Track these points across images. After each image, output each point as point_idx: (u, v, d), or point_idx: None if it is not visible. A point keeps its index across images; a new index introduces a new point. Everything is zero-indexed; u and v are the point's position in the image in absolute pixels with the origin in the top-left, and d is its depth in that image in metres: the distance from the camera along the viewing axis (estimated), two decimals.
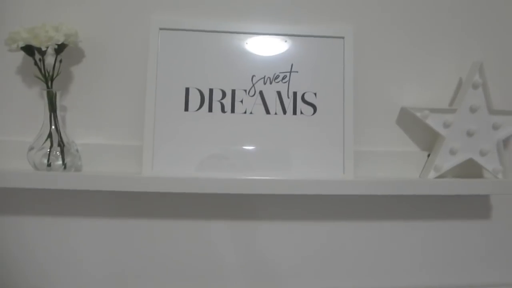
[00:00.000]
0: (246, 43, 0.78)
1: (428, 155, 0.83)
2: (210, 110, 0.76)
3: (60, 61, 0.73)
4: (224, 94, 0.77)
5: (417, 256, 0.86)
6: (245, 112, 0.77)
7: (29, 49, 0.70)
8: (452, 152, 0.80)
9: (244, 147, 0.76)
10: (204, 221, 0.81)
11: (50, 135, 0.73)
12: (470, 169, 0.84)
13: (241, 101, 0.77)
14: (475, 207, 0.87)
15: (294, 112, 0.78)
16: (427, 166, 0.82)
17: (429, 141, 0.84)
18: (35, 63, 0.72)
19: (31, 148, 0.72)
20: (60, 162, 0.73)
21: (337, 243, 0.84)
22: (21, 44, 0.68)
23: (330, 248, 0.84)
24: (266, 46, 0.78)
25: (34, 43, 0.68)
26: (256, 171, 0.75)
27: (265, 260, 0.83)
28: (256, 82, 0.78)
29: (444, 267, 0.87)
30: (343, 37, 0.79)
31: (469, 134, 0.80)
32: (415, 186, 0.76)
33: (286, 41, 0.79)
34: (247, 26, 0.78)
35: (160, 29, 0.76)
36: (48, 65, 0.73)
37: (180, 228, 0.81)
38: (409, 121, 0.84)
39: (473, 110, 0.80)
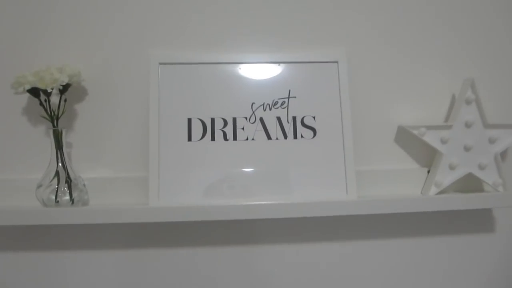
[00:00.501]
0: (244, 72, 0.80)
1: (428, 171, 0.85)
2: (213, 138, 0.78)
3: (65, 100, 0.76)
4: (225, 123, 0.79)
5: (423, 273, 0.86)
6: (247, 139, 0.79)
7: (35, 91, 0.73)
8: (451, 167, 0.82)
9: (248, 173, 0.78)
10: (211, 248, 0.82)
11: (57, 173, 0.74)
12: (470, 183, 0.85)
13: (243, 128, 0.79)
14: (478, 221, 0.88)
15: (295, 136, 0.80)
16: (427, 182, 0.84)
17: (428, 157, 0.86)
18: (41, 104, 0.74)
19: (39, 186, 0.74)
20: (67, 197, 0.74)
21: (343, 264, 0.85)
22: (27, 87, 0.71)
23: (336, 270, 0.84)
24: (264, 74, 0.81)
25: (40, 85, 0.71)
26: (261, 196, 0.77)
27: (271, 284, 0.83)
28: (256, 109, 0.80)
29: (450, 283, 0.87)
30: (336, 61, 0.82)
31: (466, 148, 0.82)
32: (418, 203, 0.78)
33: (279, 66, 0.81)
34: (243, 56, 0.81)
35: (160, 63, 0.79)
36: (53, 104, 0.75)
37: (186, 256, 0.82)
38: (407, 139, 0.86)
39: (468, 125, 0.82)
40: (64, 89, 0.75)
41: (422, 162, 0.86)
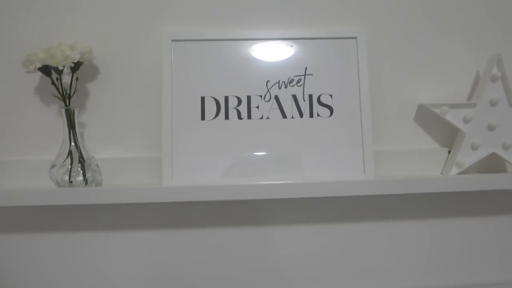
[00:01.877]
0: (259, 49, 0.78)
1: (449, 152, 0.82)
2: (227, 117, 0.76)
3: (77, 79, 0.74)
4: (239, 101, 0.77)
5: (443, 255, 0.84)
6: (261, 118, 0.77)
7: (46, 69, 0.71)
8: (474, 147, 0.79)
9: (263, 152, 0.76)
10: (223, 228, 0.81)
11: (70, 152, 0.73)
12: (493, 164, 0.82)
13: (257, 107, 0.77)
14: (500, 203, 0.85)
15: (311, 115, 0.77)
16: (448, 162, 0.81)
17: (449, 137, 0.83)
18: (52, 83, 0.73)
19: (53, 166, 0.73)
20: (81, 178, 0.74)
21: (361, 245, 0.83)
22: (38, 65, 0.70)
23: (351, 251, 0.83)
24: (279, 51, 0.78)
25: (51, 63, 0.69)
26: (276, 175, 0.75)
27: (286, 264, 0.82)
28: (271, 87, 0.78)
29: (472, 264, 0.85)
30: (355, 37, 0.79)
31: (491, 128, 0.79)
32: (438, 183, 0.75)
33: (292, 46, 0.78)
34: (258, 32, 0.78)
35: (173, 40, 0.77)
36: (65, 83, 0.74)
37: (197, 236, 0.81)
38: (427, 118, 0.83)
39: (493, 103, 0.78)
40: (75, 67, 0.73)
41: (443, 142, 0.84)
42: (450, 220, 0.84)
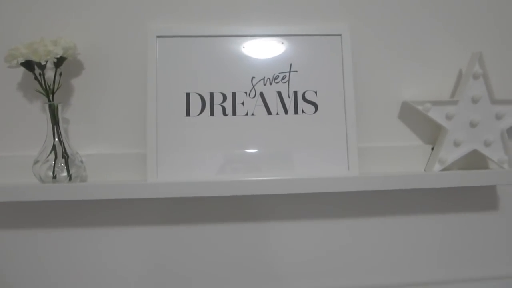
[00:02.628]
0: (244, 46, 0.78)
1: (432, 148, 0.83)
2: (212, 114, 0.77)
3: (60, 74, 0.74)
4: (224, 97, 0.77)
5: (425, 250, 0.86)
6: (246, 114, 0.77)
7: (28, 65, 0.71)
8: (456, 144, 0.80)
9: (248, 149, 0.76)
10: (210, 225, 0.81)
11: (54, 148, 0.73)
12: (475, 161, 0.83)
13: (242, 103, 0.77)
14: (482, 199, 0.86)
15: (296, 112, 0.78)
16: (431, 159, 0.82)
17: (432, 134, 0.84)
18: (35, 78, 0.72)
19: (36, 162, 0.73)
20: (65, 173, 0.74)
21: (345, 241, 0.84)
22: (21, 60, 0.69)
23: (338, 246, 0.84)
24: (264, 47, 0.79)
25: (34, 58, 0.69)
26: (261, 172, 0.75)
27: (274, 260, 0.83)
28: (256, 83, 0.78)
29: (452, 260, 0.86)
30: (340, 35, 0.79)
31: (472, 125, 0.80)
32: (420, 179, 0.76)
33: (282, 43, 0.79)
34: (243, 29, 0.79)
35: (157, 36, 0.76)
36: (48, 79, 0.74)
37: (186, 233, 0.81)
38: (411, 115, 0.84)
39: (475, 100, 0.80)
40: (59, 62, 0.73)
41: (426, 139, 0.85)
42: (433, 216, 0.85)
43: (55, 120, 0.73)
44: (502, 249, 0.87)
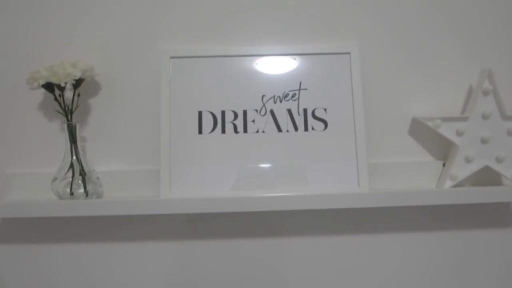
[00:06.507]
0: (255, 65, 0.80)
1: (443, 164, 0.83)
2: (223, 131, 0.78)
3: (78, 95, 0.77)
4: (236, 115, 0.79)
5: (436, 267, 0.84)
6: (257, 131, 0.79)
7: (49, 86, 0.74)
8: (468, 160, 0.79)
9: (259, 166, 0.78)
10: (223, 240, 0.82)
11: (71, 166, 0.76)
12: (488, 177, 0.83)
13: (253, 121, 0.79)
14: (495, 216, 0.85)
15: (306, 129, 0.79)
16: (443, 175, 0.82)
17: (443, 150, 0.84)
18: (55, 99, 0.76)
19: (54, 179, 0.76)
20: (82, 190, 0.76)
21: (357, 257, 0.84)
22: (42, 82, 0.73)
23: (350, 262, 0.84)
24: (274, 66, 0.80)
25: (54, 80, 0.72)
26: (271, 189, 0.77)
27: (286, 275, 0.83)
28: (267, 101, 0.80)
29: (464, 278, 0.85)
30: (349, 53, 0.81)
31: (483, 141, 0.80)
32: (432, 196, 0.76)
33: (295, 59, 0.80)
34: (253, 48, 0.81)
35: (171, 57, 0.79)
36: (67, 99, 0.77)
37: (199, 248, 0.82)
38: (421, 131, 0.84)
39: (485, 117, 0.79)
40: (77, 83, 0.76)
41: (437, 155, 0.84)
42: (445, 233, 0.84)
43: (73, 139, 0.76)
44: None
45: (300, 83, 0.80)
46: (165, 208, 0.74)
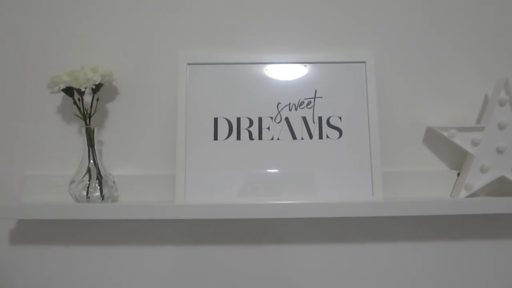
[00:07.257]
0: (270, 72, 0.81)
1: (458, 174, 0.83)
2: (239, 138, 0.79)
3: (97, 99, 0.79)
4: (251, 122, 0.79)
5: (450, 277, 0.84)
6: (272, 139, 0.79)
7: (69, 90, 0.76)
8: (483, 170, 0.79)
9: (273, 173, 0.78)
10: (235, 246, 0.83)
11: (89, 169, 0.77)
12: (503, 187, 0.82)
13: (268, 128, 0.79)
14: (510, 227, 0.85)
15: (320, 137, 0.79)
16: (457, 185, 0.81)
17: (458, 159, 0.83)
18: (74, 103, 0.77)
19: (72, 182, 0.77)
20: (98, 193, 0.77)
21: (369, 266, 0.84)
22: (62, 86, 0.74)
23: (363, 271, 0.83)
24: (290, 74, 0.81)
25: (74, 85, 0.74)
26: (285, 196, 0.77)
27: (295, 283, 0.83)
28: (282, 109, 0.80)
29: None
30: (364, 62, 0.81)
31: (499, 151, 0.79)
32: (446, 205, 0.76)
33: (307, 67, 0.81)
34: (269, 56, 0.82)
35: (188, 64, 0.80)
36: (86, 103, 0.78)
37: (211, 253, 0.83)
38: (436, 140, 0.84)
39: (501, 127, 0.79)
40: (96, 88, 0.77)
41: (452, 164, 0.84)
42: (459, 243, 0.84)
43: (90, 143, 0.77)
44: None
45: (316, 91, 0.81)
46: (179, 214, 0.74)
